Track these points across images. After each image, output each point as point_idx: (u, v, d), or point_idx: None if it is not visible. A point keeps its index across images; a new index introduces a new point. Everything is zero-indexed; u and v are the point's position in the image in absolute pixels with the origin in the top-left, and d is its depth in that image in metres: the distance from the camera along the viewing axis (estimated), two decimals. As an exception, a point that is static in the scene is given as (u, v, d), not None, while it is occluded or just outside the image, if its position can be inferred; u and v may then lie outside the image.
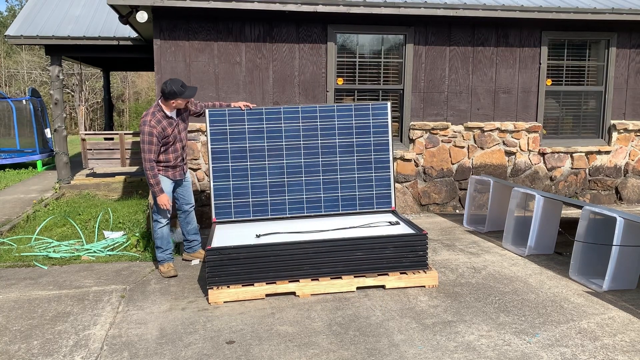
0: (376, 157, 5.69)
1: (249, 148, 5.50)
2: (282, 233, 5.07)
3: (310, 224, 5.39)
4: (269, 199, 5.53)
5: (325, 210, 5.65)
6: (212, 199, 5.47)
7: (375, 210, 5.72)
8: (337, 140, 5.63)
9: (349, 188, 5.66)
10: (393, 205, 5.76)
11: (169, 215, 5.31)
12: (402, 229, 5.09)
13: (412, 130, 7.62)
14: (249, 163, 5.50)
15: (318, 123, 5.60)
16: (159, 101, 5.13)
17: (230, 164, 5.48)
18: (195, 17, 6.96)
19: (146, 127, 5.00)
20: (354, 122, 5.66)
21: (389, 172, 5.73)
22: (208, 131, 5.48)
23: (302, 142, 5.58)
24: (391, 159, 5.73)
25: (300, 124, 5.58)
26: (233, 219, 5.51)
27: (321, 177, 5.61)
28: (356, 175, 5.66)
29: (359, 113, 5.69)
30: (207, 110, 5.50)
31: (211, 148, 5.48)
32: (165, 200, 5.10)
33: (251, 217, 5.53)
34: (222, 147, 5.48)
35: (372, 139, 5.68)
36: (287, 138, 5.57)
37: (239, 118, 5.50)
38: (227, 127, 5.47)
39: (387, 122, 5.74)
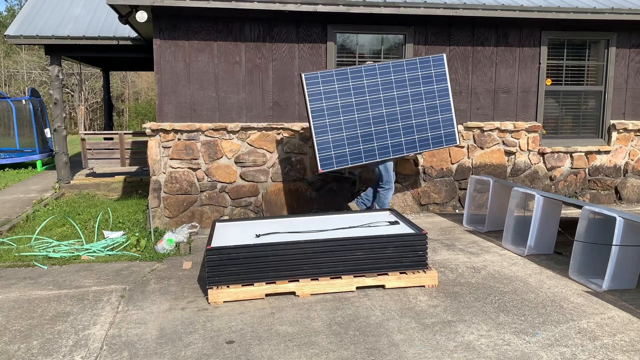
0: (440, 102, 6.44)
1: (341, 105, 6.10)
2: (281, 233, 5.07)
3: (309, 224, 5.39)
4: (361, 147, 6.25)
5: (407, 152, 6.47)
6: (317, 152, 6.11)
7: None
8: (408, 90, 6.33)
9: (422, 131, 6.40)
10: (457, 141, 6.71)
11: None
12: (402, 229, 5.09)
13: (412, 130, 7.63)
14: (342, 118, 6.11)
15: (392, 77, 6.24)
16: None
17: (327, 121, 6.07)
18: (195, 16, 6.96)
19: None
20: (420, 73, 6.36)
21: (452, 114, 6.62)
22: (306, 93, 6.04)
23: (381, 95, 6.21)
24: (452, 102, 6.61)
25: (379, 80, 6.21)
26: (335, 169, 6.20)
27: (400, 124, 6.36)
28: (427, 119, 6.39)
29: (423, 65, 6.48)
30: (303, 75, 6.00)
31: (310, 107, 6.08)
32: None
33: (349, 165, 6.24)
34: (318, 106, 6.05)
35: (435, 86, 6.43)
36: (370, 93, 6.28)
37: (329, 79, 6.08)
38: (321, 88, 6.05)
39: (445, 71, 6.61)
